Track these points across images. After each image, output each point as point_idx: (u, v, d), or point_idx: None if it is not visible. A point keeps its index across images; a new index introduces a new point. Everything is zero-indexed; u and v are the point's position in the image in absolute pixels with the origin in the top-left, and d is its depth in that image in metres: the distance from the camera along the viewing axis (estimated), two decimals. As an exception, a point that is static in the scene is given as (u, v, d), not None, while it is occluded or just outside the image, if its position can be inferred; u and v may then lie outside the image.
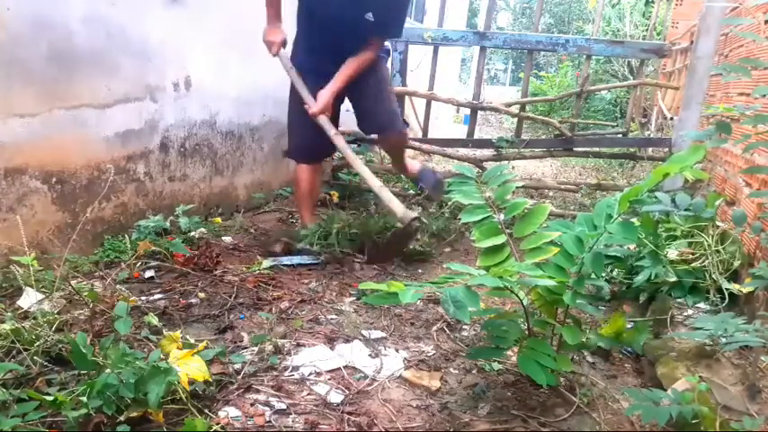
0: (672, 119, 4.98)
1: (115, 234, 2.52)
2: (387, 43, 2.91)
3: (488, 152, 4.04)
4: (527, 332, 1.66)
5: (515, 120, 4.06)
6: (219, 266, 2.44)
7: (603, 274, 2.10)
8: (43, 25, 2.09)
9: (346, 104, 2.93)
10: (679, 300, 2.10)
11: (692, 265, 2.17)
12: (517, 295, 1.58)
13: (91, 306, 1.70)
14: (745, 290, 1.97)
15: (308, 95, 2.69)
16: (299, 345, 1.86)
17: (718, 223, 2.25)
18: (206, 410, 1.43)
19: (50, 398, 1.28)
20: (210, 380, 1.49)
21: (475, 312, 1.53)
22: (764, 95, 1.86)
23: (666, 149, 3.77)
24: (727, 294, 2.02)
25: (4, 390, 1.32)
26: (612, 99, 10.18)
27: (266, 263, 2.52)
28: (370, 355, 1.85)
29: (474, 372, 1.78)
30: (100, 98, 2.39)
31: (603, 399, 1.56)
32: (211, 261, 2.43)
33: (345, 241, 2.68)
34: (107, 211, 2.51)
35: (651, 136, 5.74)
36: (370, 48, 2.64)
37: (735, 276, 2.13)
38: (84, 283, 1.98)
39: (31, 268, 1.73)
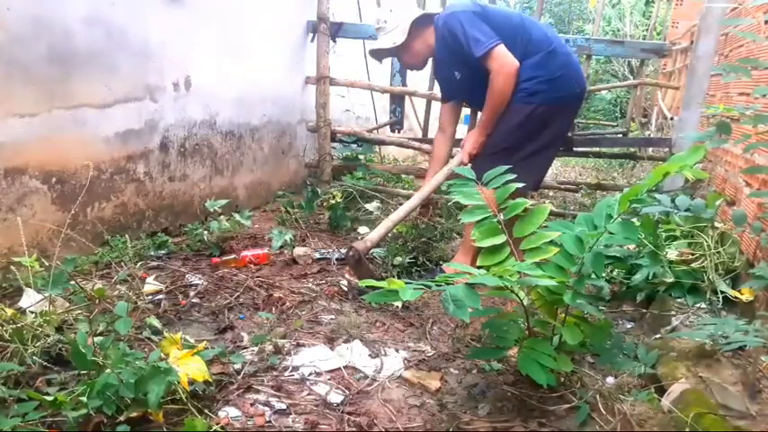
0: (672, 119, 4.98)
1: (114, 234, 2.52)
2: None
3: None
4: (527, 332, 1.66)
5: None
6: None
7: (603, 275, 2.10)
8: (43, 25, 2.09)
9: (345, 104, 2.90)
10: (679, 300, 2.10)
11: (692, 265, 2.17)
12: (517, 295, 1.57)
13: (97, 302, 1.69)
14: (743, 295, 1.97)
15: None
16: (299, 345, 1.86)
17: (716, 224, 2.25)
18: (206, 410, 1.43)
19: (50, 398, 1.28)
20: (210, 380, 1.49)
21: (475, 312, 1.52)
22: (764, 95, 1.86)
23: (666, 149, 3.77)
24: (725, 296, 2.02)
25: (4, 389, 1.32)
26: (612, 99, 10.19)
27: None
28: (370, 355, 1.85)
29: (474, 372, 1.78)
30: (100, 98, 2.39)
31: (603, 399, 1.56)
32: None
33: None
34: (107, 211, 2.51)
35: (651, 136, 5.74)
36: (491, 74, 2.50)
37: (736, 278, 2.13)
38: (85, 282, 1.98)
39: (31, 269, 1.73)
